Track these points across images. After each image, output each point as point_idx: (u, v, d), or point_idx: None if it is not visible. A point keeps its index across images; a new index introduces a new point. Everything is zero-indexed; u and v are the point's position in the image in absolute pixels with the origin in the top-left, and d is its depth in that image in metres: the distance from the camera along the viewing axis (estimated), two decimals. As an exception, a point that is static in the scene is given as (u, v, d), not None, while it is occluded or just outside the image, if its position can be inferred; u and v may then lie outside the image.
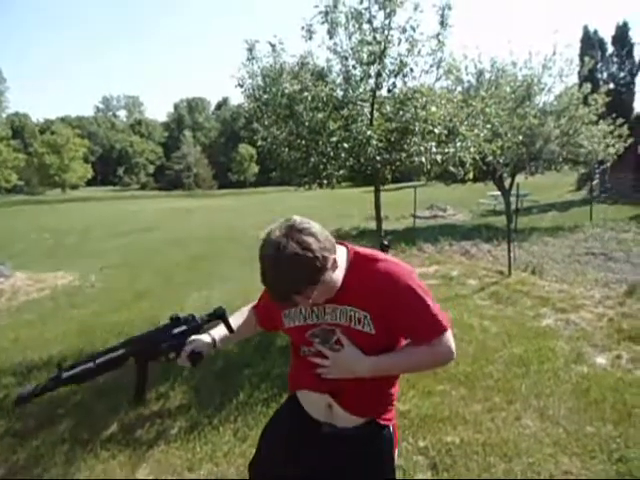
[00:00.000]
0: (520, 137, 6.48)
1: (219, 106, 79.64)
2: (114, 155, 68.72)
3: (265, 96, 4.87)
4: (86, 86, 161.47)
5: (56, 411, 3.66)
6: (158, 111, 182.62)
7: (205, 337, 1.59)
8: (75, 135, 54.88)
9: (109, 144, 70.41)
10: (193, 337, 1.57)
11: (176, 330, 1.59)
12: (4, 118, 61.80)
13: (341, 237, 11.97)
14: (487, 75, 8.09)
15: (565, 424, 3.08)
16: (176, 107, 79.16)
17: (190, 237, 13.72)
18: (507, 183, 9.86)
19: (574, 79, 12.01)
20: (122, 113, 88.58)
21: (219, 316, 1.63)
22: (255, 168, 58.35)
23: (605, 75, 24.99)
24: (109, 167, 67.41)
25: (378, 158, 4.46)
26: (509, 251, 7.02)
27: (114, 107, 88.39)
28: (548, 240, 10.06)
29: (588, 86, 9.53)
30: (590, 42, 24.81)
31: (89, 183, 58.58)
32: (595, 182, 17.49)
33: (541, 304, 5.56)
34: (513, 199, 10.20)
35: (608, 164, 13.21)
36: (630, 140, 12.26)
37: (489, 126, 5.09)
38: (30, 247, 13.35)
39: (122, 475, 2.82)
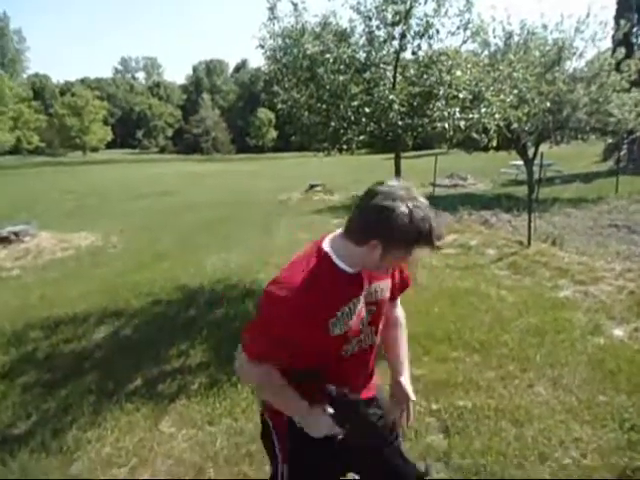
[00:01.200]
0: (547, 104, 6.26)
1: (238, 69, 78.39)
2: (133, 118, 68.69)
3: (286, 58, 4.78)
4: (105, 47, 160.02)
5: (82, 364, 3.83)
6: (177, 73, 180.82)
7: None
8: (94, 97, 54.89)
9: (128, 106, 70.24)
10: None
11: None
12: (25, 79, 61.97)
13: (359, 204, 11.92)
14: (516, 38, 7.75)
15: (578, 393, 3.10)
16: (195, 69, 78.16)
17: (208, 201, 13.82)
18: (531, 152, 9.60)
19: (608, 43, 11.44)
20: (141, 75, 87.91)
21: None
22: (274, 133, 57.76)
23: (641, 40, 23.73)
24: (128, 130, 67.51)
25: (400, 123, 4.38)
26: (529, 221, 6.91)
27: (133, 69, 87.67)
28: (570, 211, 9.85)
29: (622, 51, 9.08)
30: (627, 3, 23.46)
31: (109, 146, 58.94)
32: (623, 153, 16.91)
33: (560, 275, 5.51)
34: (536, 169, 9.95)
35: (638, 134, 12.71)
36: (663, 109, 11.75)
37: (516, 91, 4.92)
38: (53, 208, 13.61)
39: (146, 427, 2.95)
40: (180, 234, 9.06)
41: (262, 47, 4.84)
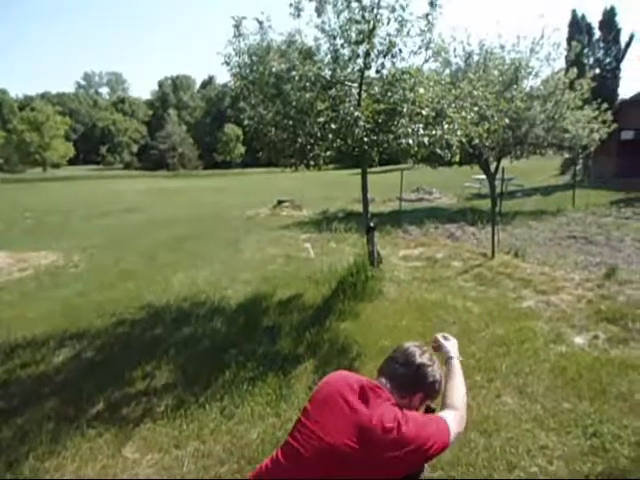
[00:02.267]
0: (506, 120, 6.49)
1: (204, 85, 78.05)
2: (97, 133, 67.16)
3: (252, 75, 4.81)
4: (66, 62, 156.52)
5: (41, 390, 3.66)
6: (142, 89, 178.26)
7: None
8: (56, 112, 53.47)
9: (91, 122, 68.73)
10: None
11: None
12: (-19, 93, 59.90)
13: (328, 218, 11.99)
14: (475, 58, 8.05)
15: (543, 401, 3.18)
16: (160, 85, 77.34)
17: (175, 218, 13.60)
18: (493, 167, 9.92)
19: (561, 63, 12.00)
20: (104, 90, 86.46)
21: None
22: (241, 149, 57.55)
23: (591, 60, 25.05)
24: (92, 146, 65.91)
25: (365, 139, 4.45)
26: (493, 234, 7.11)
27: (96, 84, 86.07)
28: (531, 223, 10.20)
29: (574, 71, 9.55)
30: (578, 26, 24.77)
31: (71, 162, 57.33)
32: (578, 167, 17.68)
33: (523, 286, 5.67)
34: (498, 183, 10.27)
35: (592, 149, 13.32)
36: (614, 126, 12.39)
37: (476, 109, 5.09)
38: (11, 227, 13.09)
39: (109, 453, 2.84)
40: (145, 252, 8.86)
41: (227, 64, 4.85)
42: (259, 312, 5.19)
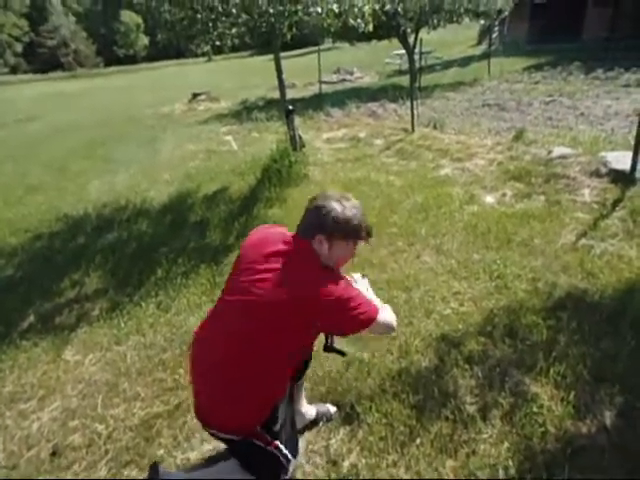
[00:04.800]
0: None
1: (87, -37, 66.78)
2: (-34, 33, 57.15)
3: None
4: None
5: (-38, 312, 3.50)
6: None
7: None
8: None
9: (-44, 18, 57.98)
10: None
11: None
12: None
13: (248, 108, 11.45)
14: None
15: (457, 255, 3.49)
16: (32, -34, 65.26)
17: (80, 123, 12.42)
18: (411, 41, 9.67)
19: None
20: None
21: None
22: (145, 39, 51.74)
23: None
24: (-37, 48, 56.39)
25: (271, 11, 4.11)
26: (412, 109, 7.15)
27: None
28: (449, 95, 10.33)
29: None
30: None
31: (-58, 70, 49.18)
32: (494, 35, 17.64)
33: (441, 156, 5.89)
34: (417, 57, 10.09)
35: (506, 14, 13.23)
36: (527, -14, 12.26)
37: (386, -30, 4.79)
38: None
39: (48, 359, 2.85)
40: (52, 162, 8.15)
41: None
42: (185, 209, 5.09)
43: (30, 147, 9.99)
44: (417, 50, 9.96)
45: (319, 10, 4.14)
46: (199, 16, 4.23)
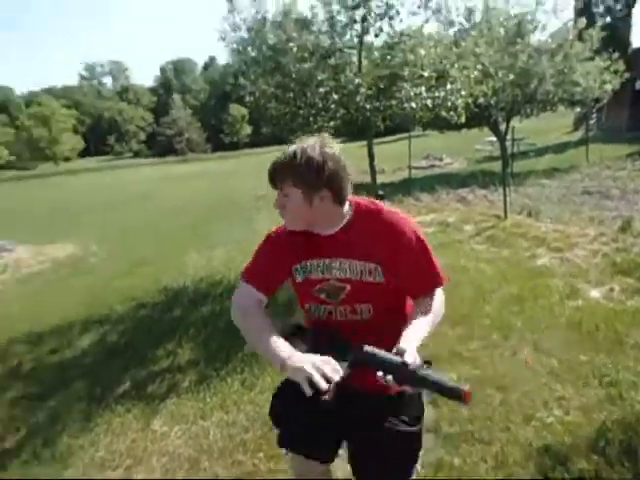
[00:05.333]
0: (511, 76, 6.33)
1: (206, 66, 77.38)
2: (103, 124, 67.37)
3: (249, 49, 4.75)
4: (69, 55, 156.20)
5: (69, 373, 3.80)
6: (145, 75, 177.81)
7: None
8: (62, 106, 53.69)
9: (97, 113, 68.88)
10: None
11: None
12: (-13, 93, 60.26)
13: (338, 192, 11.94)
14: (478, 14, 7.82)
15: (559, 355, 3.20)
16: (162, 70, 76.91)
17: (187, 203, 13.71)
18: (503, 128, 9.73)
19: (570, 14, 11.59)
20: (108, 80, 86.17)
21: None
22: (248, 129, 57.29)
23: (601, 8, 24.06)
24: (100, 137, 66.23)
25: (368, 106, 4.40)
26: (505, 195, 7.03)
27: (99, 74, 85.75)
28: (544, 182, 10.04)
29: (583, 20, 9.21)
30: (586, -26, 23.74)
31: (82, 154, 57.80)
32: (592, 122, 17.22)
33: (536, 245, 5.63)
34: (509, 144, 10.07)
35: (604, 101, 12.94)
36: (626, 75, 11.97)
37: (480, 66, 4.98)
38: (27, 221, 13.35)
39: (138, 427, 2.96)
40: (161, 237, 8.99)
41: (223, 39, 4.80)
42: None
43: (143, 223, 11.14)
44: (509, 137, 9.97)
45: (413, 105, 4.36)
46: (301, 112, 4.64)
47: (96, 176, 33.74)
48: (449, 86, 4.53)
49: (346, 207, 1.41)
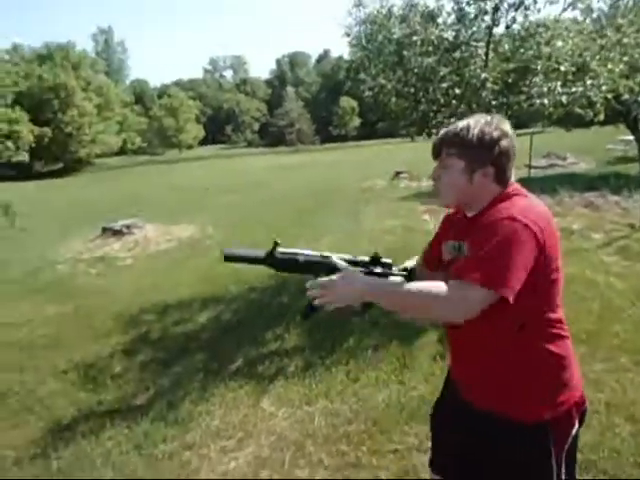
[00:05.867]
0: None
1: (320, 59, 78.91)
2: (222, 115, 71.95)
3: (371, 44, 4.75)
4: (196, 50, 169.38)
5: (190, 345, 4.17)
6: (261, 68, 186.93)
7: None
8: (188, 98, 58.33)
9: (217, 104, 73.76)
10: None
11: (377, 270, 1.37)
12: (127, 85, 67.49)
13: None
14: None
15: None
16: (278, 63, 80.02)
17: (296, 192, 14.18)
18: (644, 126, 8.68)
19: None
20: (228, 73, 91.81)
21: (407, 275, 1.45)
22: (357, 121, 57.57)
23: None
24: (218, 126, 70.93)
25: (494, 103, 4.18)
26: (643, 202, 6.27)
27: (221, 68, 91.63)
28: (692, 190, 8.77)
29: None
30: None
31: (201, 142, 62.40)
32: None
33: (681, 261, 4.96)
34: (650, 143, 8.95)
35: None
36: None
37: (626, 59, 4.46)
38: (155, 202, 14.78)
39: (249, 404, 3.16)
40: (271, 224, 9.41)
41: (348, 35, 4.85)
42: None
43: (255, 209, 11.76)
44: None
45: (545, 102, 4.05)
46: (421, 107, 4.55)
47: (214, 163, 36.27)
48: (589, 81, 4.12)
49: (499, 189, 1.32)
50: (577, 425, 1.37)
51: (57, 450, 2.84)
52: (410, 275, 1.46)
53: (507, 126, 1.31)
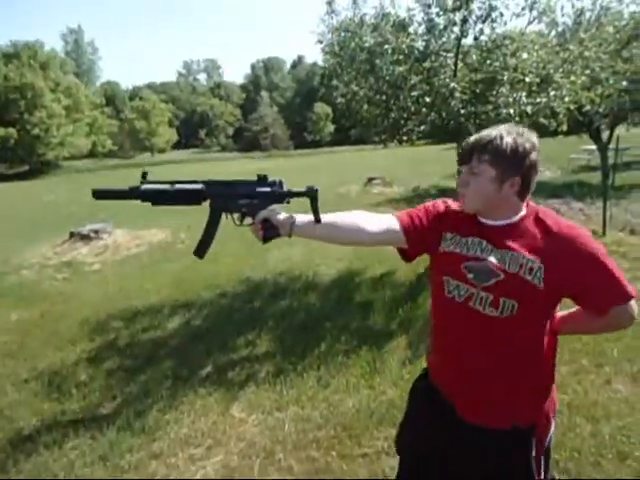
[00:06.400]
0: (624, 83, 5.83)
1: (294, 65, 79.17)
2: (196, 118, 71.21)
3: (344, 51, 4.80)
4: (169, 53, 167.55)
5: (159, 351, 4.09)
6: (236, 73, 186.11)
7: (285, 215, 1.43)
8: (160, 100, 57.55)
9: (191, 108, 73.00)
10: (274, 206, 1.42)
11: (259, 189, 1.42)
12: (98, 87, 66.08)
13: (420, 196, 11.73)
14: (587, 15, 7.27)
15: (661, 390, 2.92)
16: (253, 68, 79.85)
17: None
18: (605, 136, 9.00)
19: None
20: (202, 77, 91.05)
21: (309, 195, 1.43)
22: (331, 127, 57.91)
23: None
24: (192, 130, 70.15)
25: (462, 112, 4.28)
26: (604, 210, 6.51)
27: (194, 71, 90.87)
28: (651, 198, 9.16)
29: None
30: None
31: (174, 146, 61.58)
32: None
33: (639, 267, 5.15)
34: (611, 154, 9.29)
35: None
36: None
37: (588, 72, 4.64)
38: (125, 207, 14.44)
39: (218, 411, 3.12)
40: (244, 231, 9.33)
41: (320, 42, 4.89)
42: (352, 288, 5.30)
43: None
44: (611, 146, 9.20)
45: (511, 112, 4.17)
46: (392, 115, 4.62)
47: (187, 167, 35.82)
48: (552, 92, 4.27)
49: (519, 202, 1.36)
50: (554, 424, 1.45)
51: (17, 464, 2.74)
52: (313, 197, 1.46)
53: (535, 139, 1.33)
